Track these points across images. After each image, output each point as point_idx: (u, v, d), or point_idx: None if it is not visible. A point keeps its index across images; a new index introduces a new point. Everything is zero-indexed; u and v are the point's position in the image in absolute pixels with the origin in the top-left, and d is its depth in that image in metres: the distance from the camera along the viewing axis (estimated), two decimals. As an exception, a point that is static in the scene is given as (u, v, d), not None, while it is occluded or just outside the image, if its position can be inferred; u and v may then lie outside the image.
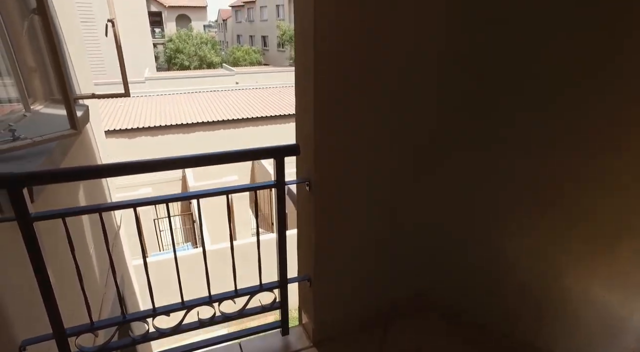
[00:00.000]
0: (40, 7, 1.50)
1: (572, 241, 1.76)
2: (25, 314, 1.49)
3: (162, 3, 30.61)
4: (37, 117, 2.15)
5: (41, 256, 1.36)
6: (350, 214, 1.79)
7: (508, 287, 1.98)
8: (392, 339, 2.00)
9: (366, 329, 2.02)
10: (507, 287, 1.98)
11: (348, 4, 1.42)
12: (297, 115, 1.69)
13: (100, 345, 1.59)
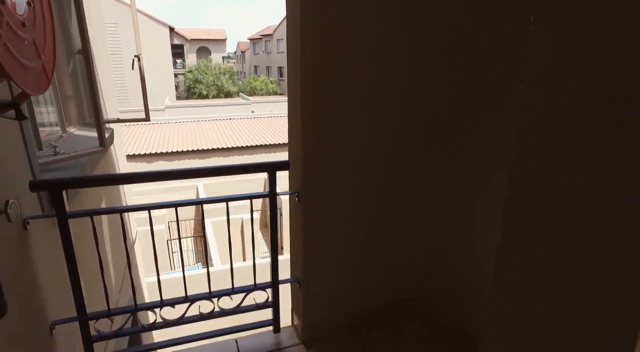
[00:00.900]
0: (84, 49, 1.87)
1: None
2: (55, 299, 1.76)
3: (184, 36, 32.29)
4: (72, 137, 2.51)
5: (72, 249, 1.66)
6: (336, 223, 2.05)
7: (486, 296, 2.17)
8: (374, 341, 2.20)
9: (351, 331, 2.23)
10: (485, 295, 2.17)
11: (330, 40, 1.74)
12: (289, 136, 1.99)
13: (115, 330, 1.85)
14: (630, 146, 0.67)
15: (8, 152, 1.48)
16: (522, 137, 0.91)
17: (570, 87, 0.78)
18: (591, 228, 0.76)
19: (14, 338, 1.40)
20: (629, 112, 0.68)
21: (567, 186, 0.80)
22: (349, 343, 2.18)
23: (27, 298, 1.53)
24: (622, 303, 0.71)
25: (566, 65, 0.79)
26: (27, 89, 1.05)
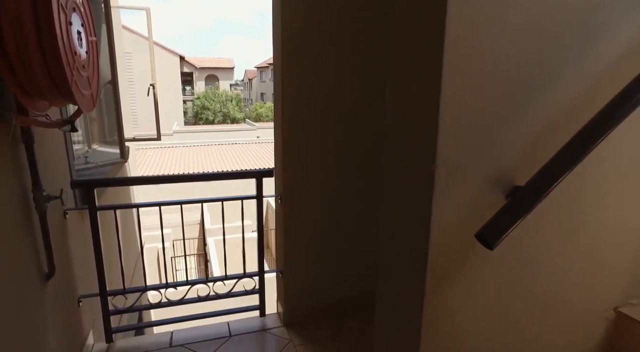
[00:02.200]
0: (113, 81, 2.38)
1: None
2: (82, 277, 2.19)
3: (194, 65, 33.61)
4: (95, 152, 3.00)
5: (99, 237, 2.10)
6: (313, 222, 2.47)
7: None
8: (347, 325, 2.58)
9: (327, 316, 2.60)
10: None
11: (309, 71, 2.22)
12: (274, 150, 2.45)
13: (128, 306, 2.27)
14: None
15: (57, 160, 1.95)
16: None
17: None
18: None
19: (55, 303, 1.82)
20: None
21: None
22: (325, 326, 2.56)
23: (64, 273, 1.96)
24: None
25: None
26: (83, 109, 1.53)
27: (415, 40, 0.97)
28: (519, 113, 0.96)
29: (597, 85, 1.00)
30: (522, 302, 1.15)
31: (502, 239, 0.87)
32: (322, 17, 2.12)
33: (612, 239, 1.21)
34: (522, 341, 1.21)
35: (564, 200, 1.09)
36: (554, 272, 1.16)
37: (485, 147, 0.94)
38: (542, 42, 0.93)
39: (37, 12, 1.19)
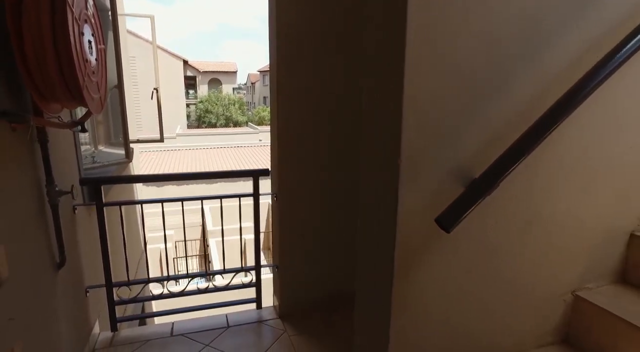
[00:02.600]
0: (120, 85, 2.53)
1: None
2: (89, 269, 2.33)
3: (197, 68, 33.91)
4: (101, 153, 3.16)
5: (105, 231, 2.25)
6: (306, 219, 2.60)
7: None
8: (338, 318, 2.70)
9: (320, 309, 2.73)
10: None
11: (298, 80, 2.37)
12: (271, 151, 2.60)
13: (132, 297, 2.41)
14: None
15: (67, 159, 2.09)
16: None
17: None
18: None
19: (65, 292, 1.96)
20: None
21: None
22: (317, 319, 2.68)
23: (72, 264, 2.10)
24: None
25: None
26: (93, 111, 1.67)
27: (382, 47, 1.11)
28: (476, 114, 1.09)
29: (546, 88, 1.13)
30: (485, 284, 1.28)
31: (457, 223, 1.00)
32: (313, 26, 2.27)
33: (566, 231, 1.34)
34: (489, 320, 1.34)
35: (519, 195, 1.22)
36: (514, 259, 1.29)
37: (445, 144, 1.08)
38: (495, 50, 1.07)
39: (54, 24, 1.34)
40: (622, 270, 1.49)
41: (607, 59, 1.07)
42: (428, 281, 1.18)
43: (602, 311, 1.33)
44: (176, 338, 2.42)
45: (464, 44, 1.03)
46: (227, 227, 2.69)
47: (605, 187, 1.36)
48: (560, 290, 1.41)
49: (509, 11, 1.06)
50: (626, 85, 1.27)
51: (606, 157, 1.33)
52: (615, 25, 1.15)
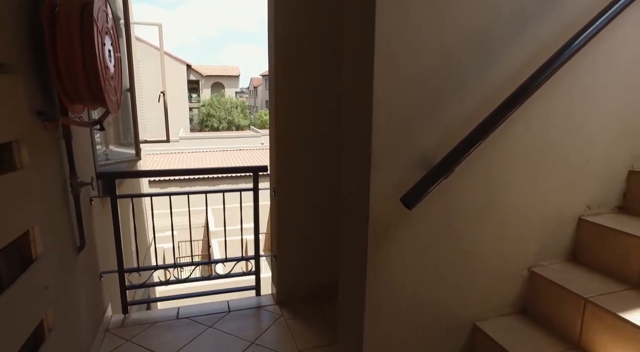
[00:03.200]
0: (131, 89, 2.77)
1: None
2: (103, 256, 2.56)
3: (200, 73, 34.30)
4: (113, 152, 3.39)
5: (118, 221, 2.47)
6: (302, 212, 2.82)
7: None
8: (332, 306, 2.92)
9: (315, 297, 2.94)
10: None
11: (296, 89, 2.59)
12: (269, 149, 2.82)
13: (142, 282, 2.63)
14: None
15: (85, 155, 2.32)
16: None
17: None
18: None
19: (83, 274, 2.18)
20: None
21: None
22: (312, 305, 2.90)
23: (89, 251, 2.32)
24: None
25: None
26: (111, 112, 1.91)
27: (356, 58, 1.33)
28: (435, 113, 1.32)
29: (493, 93, 1.35)
30: (448, 259, 1.49)
31: (417, 202, 1.22)
32: (310, 29, 2.49)
33: (519, 215, 1.55)
34: (453, 291, 1.55)
35: (476, 183, 1.44)
36: (473, 238, 1.51)
37: (409, 139, 1.30)
38: (449, 60, 1.29)
39: (83, 40, 1.57)
40: (572, 250, 1.70)
41: (542, 69, 1.29)
42: (397, 253, 1.39)
43: (552, 284, 1.55)
44: (182, 321, 2.63)
45: (423, 55, 1.26)
46: (229, 228, 2.90)
47: (553, 178, 1.58)
48: (517, 267, 1.63)
49: (462, 28, 1.29)
50: (563, 90, 1.49)
51: (552, 152, 1.55)
52: (550, 42, 1.37)
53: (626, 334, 1.28)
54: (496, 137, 1.39)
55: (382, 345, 1.46)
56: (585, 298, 1.41)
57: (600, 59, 1.51)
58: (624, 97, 1.60)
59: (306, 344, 2.42)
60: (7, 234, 1.28)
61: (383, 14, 1.18)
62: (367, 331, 1.42)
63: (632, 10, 1.48)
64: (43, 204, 1.60)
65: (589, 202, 1.68)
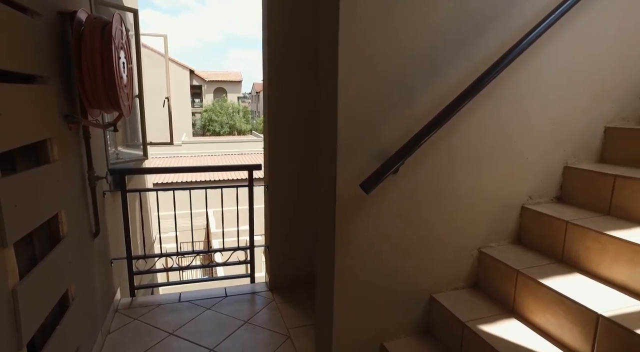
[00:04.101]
0: (140, 94, 3.08)
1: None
2: (113, 245, 2.86)
3: (203, 78, 34.75)
4: (122, 152, 3.70)
5: (128, 213, 2.78)
6: (292, 207, 3.12)
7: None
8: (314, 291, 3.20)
9: (304, 284, 3.23)
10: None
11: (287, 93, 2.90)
12: (263, 148, 3.13)
13: (147, 268, 2.92)
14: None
15: (99, 154, 2.63)
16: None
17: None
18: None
19: (98, 259, 2.48)
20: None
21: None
22: (302, 292, 3.18)
23: (102, 239, 2.62)
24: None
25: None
26: (124, 115, 2.21)
27: (324, 66, 1.63)
28: (392, 115, 1.61)
29: (443, 97, 1.65)
30: (406, 238, 1.78)
31: (374, 187, 1.51)
32: (297, 50, 2.81)
33: (469, 202, 1.84)
34: (412, 267, 1.83)
35: (429, 173, 1.73)
36: (428, 221, 1.79)
37: (369, 136, 1.60)
38: (402, 69, 1.59)
39: (102, 53, 1.88)
40: (517, 233, 1.99)
41: (481, 78, 1.59)
42: (360, 231, 1.68)
43: (496, 261, 1.83)
44: (183, 304, 2.93)
45: (378, 68, 1.56)
46: (228, 229, 3.20)
47: (498, 172, 1.87)
48: (468, 247, 1.91)
49: (411, 48, 1.59)
50: (504, 96, 1.79)
51: (496, 150, 1.84)
52: (487, 58, 1.68)
53: (544, 296, 1.57)
54: (446, 134, 1.70)
55: (349, 307, 1.75)
56: (517, 270, 1.70)
57: (532, 71, 1.81)
58: (556, 104, 1.90)
59: (294, 323, 2.71)
60: (45, 214, 1.58)
61: (344, 38, 1.49)
62: (336, 295, 1.71)
63: (555, 32, 1.78)
64: (68, 192, 1.91)
65: (531, 193, 1.97)
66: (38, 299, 1.46)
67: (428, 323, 1.91)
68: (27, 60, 1.49)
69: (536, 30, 1.67)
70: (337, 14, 1.47)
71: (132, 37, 3.19)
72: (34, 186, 1.48)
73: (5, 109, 1.25)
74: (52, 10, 1.81)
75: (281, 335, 2.57)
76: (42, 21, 1.65)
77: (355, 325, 1.79)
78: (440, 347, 1.81)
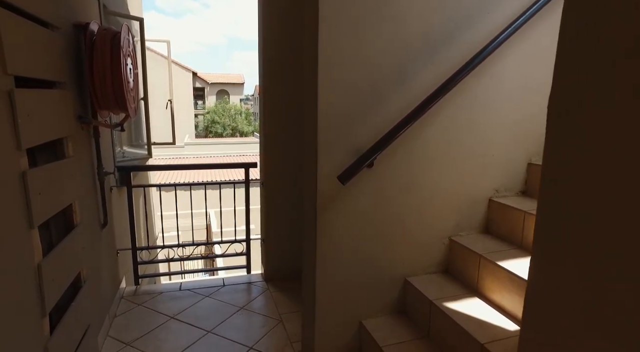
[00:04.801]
0: (145, 97, 3.30)
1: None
2: (119, 236, 3.08)
3: (205, 80, 35.08)
4: (127, 152, 3.93)
5: (133, 206, 3.00)
6: (286, 202, 3.33)
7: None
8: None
9: (295, 275, 3.44)
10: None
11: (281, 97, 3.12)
12: (259, 147, 3.34)
13: (151, 259, 3.14)
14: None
15: (107, 152, 2.85)
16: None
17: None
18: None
19: (106, 250, 2.70)
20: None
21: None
22: (294, 282, 3.39)
23: (109, 230, 2.84)
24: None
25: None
26: (131, 116, 2.44)
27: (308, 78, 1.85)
28: (365, 117, 1.83)
29: (410, 102, 1.86)
30: (381, 226, 1.99)
31: (349, 179, 1.73)
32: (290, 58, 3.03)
33: (439, 195, 2.05)
34: (387, 252, 2.04)
35: (400, 168, 1.94)
36: (401, 212, 2.00)
37: (346, 136, 1.81)
38: (375, 75, 1.80)
39: (112, 60, 2.11)
40: (485, 224, 2.20)
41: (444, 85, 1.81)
42: (338, 219, 1.89)
43: (463, 248, 2.04)
44: (184, 292, 3.15)
45: (354, 78, 1.77)
46: (226, 229, 3.42)
47: (466, 167, 2.08)
48: (439, 236, 2.13)
49: (387, 48, 1.80)
50: (468, 99, 2.00)
51: (464, 147, 2.05)
52: (449, 70, 1.89)
53: (500, 275, 1.78)
54: (417, 134, 1.91)
55: (330, 288, 1.96)
56: (480, 254, 1.91)
57: (495, 77, 2.02)
58: (519, 107, 2.11)
59: (286, 309, 2.92)
60: (62, 203, 1.80)
61: (322, 52, 1.70)
62: (319, 277, 1.92)
63: (510, 45, 1.99)
64: (81, 185, 2.13)
65: (497, 187, 2.18)
66: (57, 275, 1.68)
67: (403, 304, 2.12)
68: (50, 69, 1.71)
69: (495, 41, 1.89)
70: (316, 35, 1.69)
71: (138, 43, 3.42)
72: (53, 177, 1.70)
73: (33, 111, 1.48)
74: (69, 23, 2.03)
75: (274, 319, 2.78)
76: (60, 33, 1.87)
77: (336, 305, 2.00)
78: (412, 324, 2.02)
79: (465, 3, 1.90)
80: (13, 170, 1.36)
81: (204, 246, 3.26)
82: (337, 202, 1.87)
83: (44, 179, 1.59)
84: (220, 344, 2.48)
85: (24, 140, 1.40)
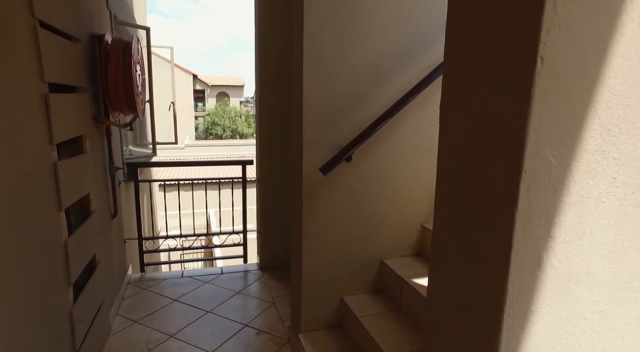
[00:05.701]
0: (151, 99, 3.59)
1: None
2: (126, 227, 3.35)
3: (206, 83, 35.42)
4: (133, 150, 4.21)
5: (139, 200, 3.28)
6: (279, 197, 3.61)
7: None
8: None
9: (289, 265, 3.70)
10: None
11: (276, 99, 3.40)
12: (255, 145, 3.63)
13: (155, 248, 3.42)
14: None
15: (117, 150, 3.13)
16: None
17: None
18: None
19: (116, 238, 2.97)
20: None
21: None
22: (286, 270, 3.66)
23: (118, 221, 3.12)
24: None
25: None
26: (139, 116, 2.72)
27: (295, 81, 2.13)
28: (346, 116, 2.11)
29: (386, 104, 2.15)
30: (360, 213, 2.26)
31: (330, 171, 2.01)
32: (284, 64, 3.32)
33: (411, 186, 2.34)
34: (365, 235, 2.32)
35: (375, 163, 2.23)
36: (377, 199, 2.28)
37: (328, 133, 2.09)
38: (355, 79, 2.08)
39: (124, 67, 2.39)
40: (453, 213, 2.48)
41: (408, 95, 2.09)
42: (322, 206, 2.17)
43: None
44: (185, 279, 3.42)
45: (335, 81, 2.06)
46: (225, 228, 3.70)
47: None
48: (412, 222, 2.40)
49: (366, 56, 2.08)
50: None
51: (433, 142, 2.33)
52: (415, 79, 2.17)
53: (460, 254, 2.06)
54: (392, 131, 2.19)
55: (315, 267, 2.24)
56: (445, 237, 2.19)
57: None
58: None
59: (278, 293, 3.20)
60: (81, 192, 2.08)
61: (307, 59, 1.99)
62: (304, 257, 2.20)
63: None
64: (95, 178, 2.41)
65: (464, 180, 2.46)
66: (79, 252, 1.96)
67: (381, 282, 2.40)
68: (74, 75, 2.00)
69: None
70: (301, 43, 1.98)
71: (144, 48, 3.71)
72: (76, 169, 1.99)
73: (61, 112, 1.76)
74: (87, 34, 2.32)
75: (267, 302, 3.06)
76: (80, 44, 2.16)
77: (320, 282, 2.28)
78: (386, 299, 2.30)
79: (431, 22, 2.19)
80: (47, 162, 1.64)
81: (204, 236, 3.52)
82: (320, 193, 2.15)
83: (69, 170, 1.88)
84: (219, 321, 2.76)
85: (55, 136, 1.68)
